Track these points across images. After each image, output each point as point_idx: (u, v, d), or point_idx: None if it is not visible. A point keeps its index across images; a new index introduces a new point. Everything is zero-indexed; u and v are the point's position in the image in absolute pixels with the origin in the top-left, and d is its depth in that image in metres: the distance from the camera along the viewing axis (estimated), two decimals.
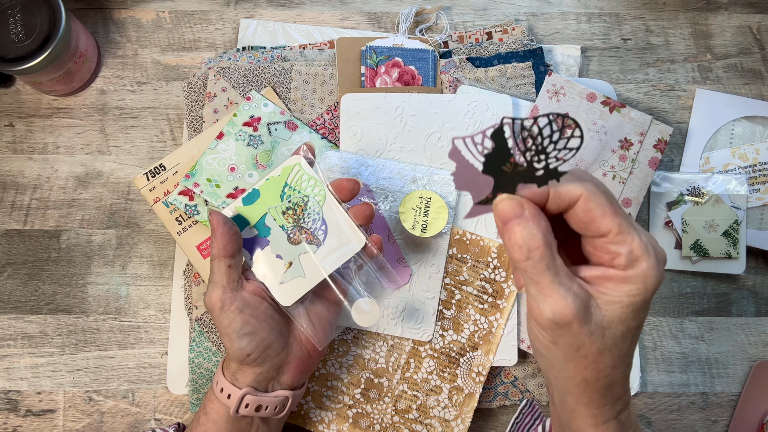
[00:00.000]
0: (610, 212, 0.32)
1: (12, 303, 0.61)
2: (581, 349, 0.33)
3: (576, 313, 0.32)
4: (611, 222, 0.32)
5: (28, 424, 0.59)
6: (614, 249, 0.32)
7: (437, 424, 0.56)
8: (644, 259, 0.32)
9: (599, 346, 0.33)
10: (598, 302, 0.33)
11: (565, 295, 0.32)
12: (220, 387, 0.46)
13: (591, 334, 0.32)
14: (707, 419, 0.61)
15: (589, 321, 0.32)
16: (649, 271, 0.32)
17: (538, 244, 0.32)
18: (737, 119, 0.64)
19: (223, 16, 0.66)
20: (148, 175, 0.59)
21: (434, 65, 0.62)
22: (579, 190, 0.32)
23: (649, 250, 0.32)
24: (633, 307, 0.32)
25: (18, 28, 0.56)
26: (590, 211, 0.32)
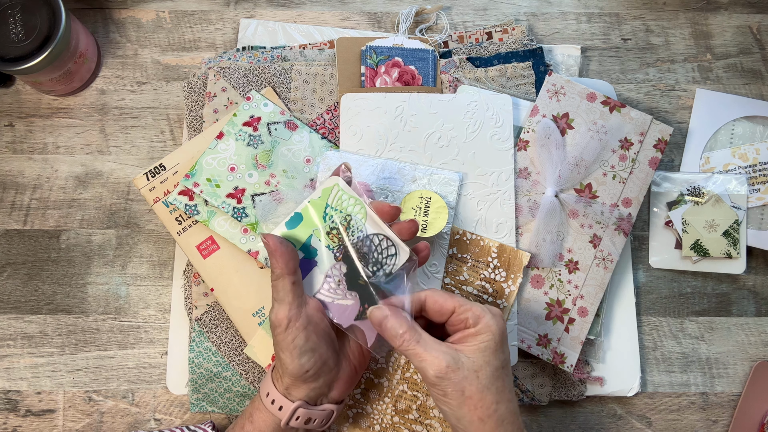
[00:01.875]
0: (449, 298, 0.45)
1: (12, 303, 0.61)
2: (465, 392, 0.42)
3: (447, 364, 0.42)
4: (452, 303, 0.45)
5: (28, 424, 0.59)
6: (462, 317, 0.44)
7: (437, 425, 0.56)
8: (484, 315, 0.44)
9: (477, 386, 0.42)
10: (465, 353, 0.43)
11: (436, 355, 0.42)
12: (272, 398, 0.47)
13: (466, 377, 0.42)
14: (707, 419, 0.61)
15: (461, 368, 0.42)
16: (490, 321, 0.44)
17: (404, 329, 0.44)
18: (737, 119, 0.64)
19: (223, 16, 0.66)
20: (148, 175, 0.59)
21: (434, 65, 0.62)
22: (423, 294, 0.46)
23: (484, 310, 0.44)
24: (490, 350, 0.43)
25: (18, 28, 0.56)
26: (436, 302, 0.45)
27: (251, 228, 0.58)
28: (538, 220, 0.58)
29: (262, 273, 0.58)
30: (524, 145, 0.60)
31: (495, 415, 0.42)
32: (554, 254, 0.59)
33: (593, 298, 0.59)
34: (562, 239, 0.59)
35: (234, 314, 0.57)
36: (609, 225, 0.59)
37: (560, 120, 0.61)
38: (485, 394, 0.42)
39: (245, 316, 0.57)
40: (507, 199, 0.59)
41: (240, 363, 0.58)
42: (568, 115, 0.61)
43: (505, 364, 0.44)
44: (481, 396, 0.42)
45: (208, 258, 0.58)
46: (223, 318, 0.59)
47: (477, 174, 0.59)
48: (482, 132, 0.60)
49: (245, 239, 0.58)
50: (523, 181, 0.60)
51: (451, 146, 0.59)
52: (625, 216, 0.60)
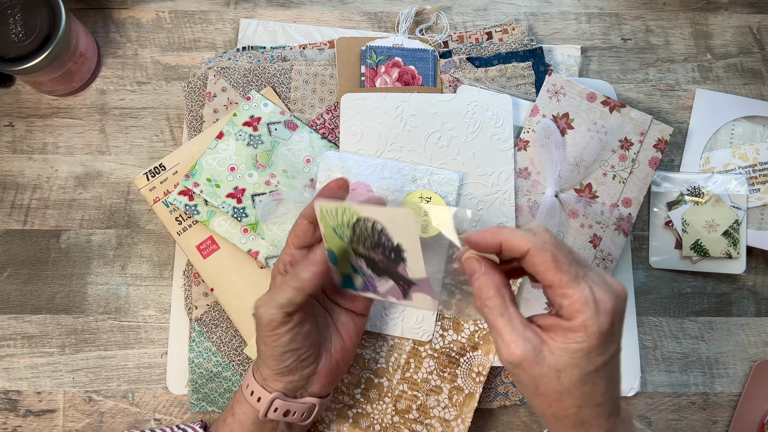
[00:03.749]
0: (552, 268, 0.36)
1: (12, 303, 0.61)
2: (539, 388, 0.36)
3: (525, 355, 0.36)
4: (553, 277, 0.36)
5: (28, 424, 0.59)
6: (558, 301, 0.36)
7: (437, 425, 0.56)
8: (583, 311, 0.35)
9: (556, 387, 0.36)
10: (550, 348, 0.36)
11: (515, 339, 0.36)
12: (251, 390, 0.47)
13: (544, 375, 0.36)
14: (707, 419, 0.61)
15: (540, 363, 0.36)
16: (587, 321, 0.35)
17: (490, 295, 0.38)
18: (737, 119, 0.64)
19: (223, 16, 0.66)
20: (148, 175, 0.59)
21: (434, 65, 0.62)
22: (526, 246, 0.36)
23: (589, 302, 0.35)
24: (580, 353, 0.35)
25: (18, 28, 0.56)
26: (535, 266, 0.36)
27: (251, 228, 0.58)
28: (538, 220, 0.58)
29: (262, 273, 0.58)
30: (524, 145, 0.60)
31: (574, 417, 0.37)
32: None
33: None
34: (562, 239, 0.59)
35: (234, 314, 0.57)
36: (609, 225, 0.59)
37: (560, 120, 0.61)
38: (564, 397, 0.36)
39: (245, 316, 0.57)
40: (507, 199, 0.59)
41: (240, 363, 0.58)
42: (568, 115, 0.61)
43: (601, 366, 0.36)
44: (558, 398, 0.36)
45: (208, 258, 0.58)
46: (223, 318, 0.59)
47: (477, 174, 0.59)
48: (482, 132, 0.60)
49: (245, 239, 0.58)
50: (523, 181, 0.60)
51: (451, 146, 0.59)
52: (625, 216, 0.60)
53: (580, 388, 0.36)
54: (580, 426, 0.37)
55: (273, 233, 0.58)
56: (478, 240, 0.38)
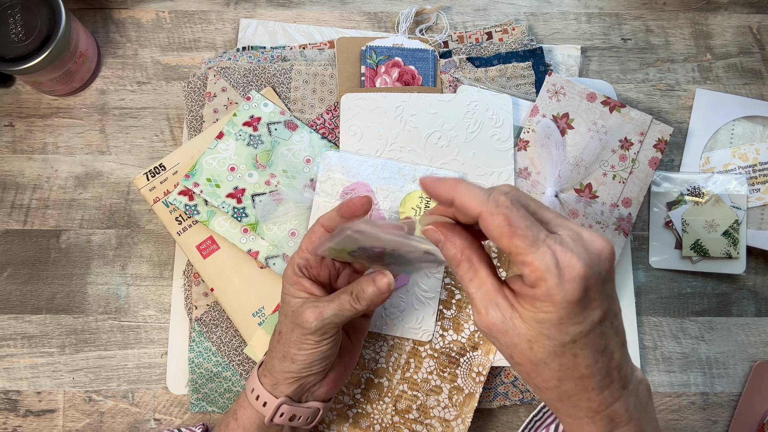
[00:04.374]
0: (507, 233, 0.32)
1: (12, 303, 0.61)
2: (514, 357, 0.34)
3: (493, 323, 0.33)
4: (508, 243, 0.32)
5: (28, 424, 0.59)
6: (520, 268, 0.32)
7: (437, 424, 0.56)
8: (546, 279, 0.31)
9: (530, 357, 0.33)
10: (521, 315, 0.33)
11: (485, 306, 0.33)
12: (257, 395, 0.46)
13: (516, 345, 0.33)
14: (707, 419, 0.61)
15: (510, 331, 0.33)
16: (551, 291, 0.31)
17: (457, 262, 0.35)
18: (737, 119, 0.64)
19: (223, 16, 0.66)
20: (148, 175, 0.59)
21: (434, 65, 0.62)
22: (477, 208, 0.32)
23: (551, 270, 0.31)
24: (549, 323, 0.32)
25: (18, 28, 0.56)
26: (489, 232, 0.32)
27: (251, 228, 0.58)
28: None
29: (262, 273, 0.58)
30: (524, 145, 0.60)
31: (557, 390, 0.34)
32: None
33: None
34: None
35: (234, 314, 0.57)
36: (609, 225, 0.59)
37: (560, 120, 0.61)
38: (541, 368, 0.33)
39: (245, 316, 0.57)
40: None
41: (240, 363, 0.58)
42: (568, 115, 0.61)
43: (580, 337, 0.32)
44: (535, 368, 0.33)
45: (208, 258, 0.58)
46: (223, 318, 0.59)
47: (477, 174, 0.59)
48: (482, 132, 0.60)
49: (245, 239, 0.58)
50: (523, 181, 0.60)
51: (451, 146, 0.59)
52: (625, 216, 0.60)
53: (557, 360, 0.32)
54: (567, 399, 0.34)
55: (273, 233, 0.58)
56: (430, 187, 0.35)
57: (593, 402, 0.33)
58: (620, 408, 0.34)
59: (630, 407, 0.34)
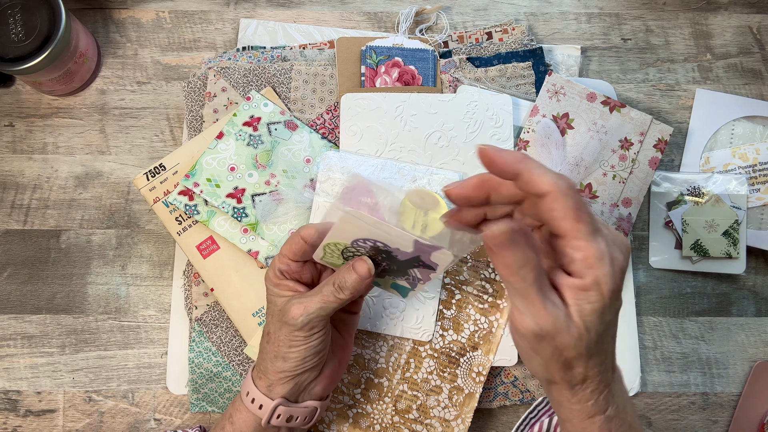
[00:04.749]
0: (573, 216, 0.32)
1: (12, 303, 0.61)
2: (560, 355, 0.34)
3: (555, 325, 0.33)
4: (572, 226, 0.32)
5: (28, 424, 0.59)
6: (570, 253, 0.33)
7: (437, 424, 0.56)
8: (598, 267, 0.32)
9: (573, 353, 0.34)
10: (569, 312, 0.34)
11: (551, 311, 0.33)
12: (252, 397, 0.46)
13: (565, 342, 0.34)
14: (707, 419, 0.61)
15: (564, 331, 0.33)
16: (602, 279, 0.33)
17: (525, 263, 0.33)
18: (737, 119, 0.64)
19: (223, 16, 0.66)
20: (148, 175, 0.59)
21: (434, 65, 0.62)
22: (549, 187, 0.32)
23: (605, 258, 0.33)
24: (595, 313, 0.33)
25: (18, 28, 0.56)
26: (552, 211, 0.33)
27: (251, 228, 0.58)
28: None
29: (262, 273, 0.58)
30: (524, 145, 0.60)
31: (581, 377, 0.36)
32: None
33: None
34: None
35: (234, 314, 0.57)
36: (609, 225, 0.59)
37: (560, 120, 0.61)
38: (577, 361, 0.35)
39: (245, 316, 0.57)
40: None
41: (240, 363, 0.58)
42: (568, 115, 0.61)
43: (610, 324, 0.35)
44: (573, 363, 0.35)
45: (208, 258, 0.58)
46: (223, 318, 0.59)
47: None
48: (482, 132, 0.60)
49: (245, 239, 0.58)
50: None
51: (451, 146, 0.59)
52: (625, 216, 0.60)
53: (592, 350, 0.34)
54: (583, 385, 0.36)
55: (273, 233, 0.58)
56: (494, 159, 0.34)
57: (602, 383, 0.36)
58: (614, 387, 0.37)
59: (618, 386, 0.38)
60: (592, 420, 0.37)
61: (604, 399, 0.37)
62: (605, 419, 0.37)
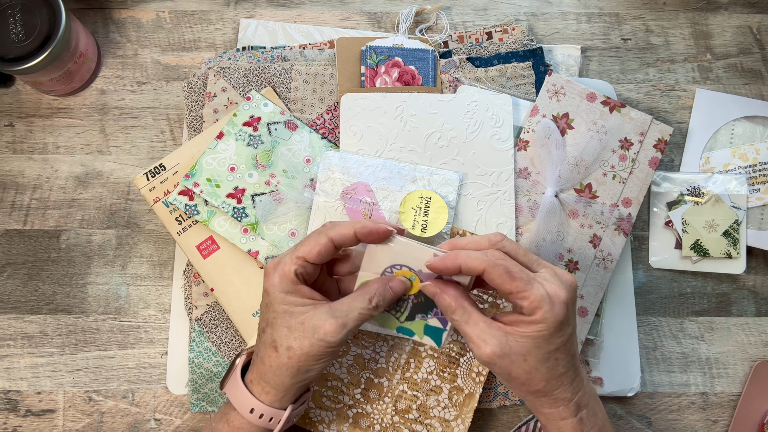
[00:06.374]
0: (507, 280, 0.41)
1: (12, 303, 0.61)
2: (511, 373, 0.42)
3: (493, 351, 0.41)
4: (510, 286, 0.41)
5: (28, 424, 0.59)
6: (519, 303, 0.42)
7: (437, 424, 0.56)
8: (541, 307, 0.41)
9: (525, 368, 0.42)
10: (515, 338, 0.42)
11: (484, 339, 0.41)
12: (259, 413, 0.45)
13: (513, 362, 0.41)
14: (707, 419, 0.61)
15: (508, 354, 0.41)
16: (546, 314, 0.41)
17: (453, 309, 0.43)
18: (737, 119, 0.64)
19: (223, 16, 0.66)
20: (148, 175, 0.59)
21: (434, 65, 0.62)
22: (481, 266, 0.41)
23: (545, 299, 0.41)
24: (542, 338, 0.41)
25: (18, 28, 0.56)
26: (493, 281, 0.41)
27: (251, 228, 0.58)
28: (538, 220, 0.58)
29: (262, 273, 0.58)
30: (524, 145, 0.60)
31: (544, 389, 0.43)
32: (554, 254, 0.59)
33: (593, 298, 0.59)
34: (562, 239, 0.59)
35: (234, 314, 0.57)
36: (609, 225, 0.59)
37: (560, 120, 0.61)
38: (533, 375, 0.42)
39: (245, 316, 0.57)
40: (507, 199, 0.59)
41: None
42: (568, 115, 0.61)
43: (561, 345, 0.42)
44: (528, 377, 0.42)
45: (208, 258, 0.58)
46: (223, 318, 0.59)
47: (477, 174, 0.59)
48: (482, 132, 0.60)
49: (245, 239, 0.58)
50: (523, 181, 0.60)
51: (451, 146, 0.59)
52: (625, 216, 0.60)
53: (545, 365, 0.42)
54: (550, 394, 0.43)
55: (273, 233, 0.58)
56: (439, 266, 0.43)
57: (568, 392, 0.43)
58: (583, 395, 0.44)
59: (587, 394, 0.45)
60: (565, 422, 0.44)
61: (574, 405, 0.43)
62: (578, 421, 0.44)
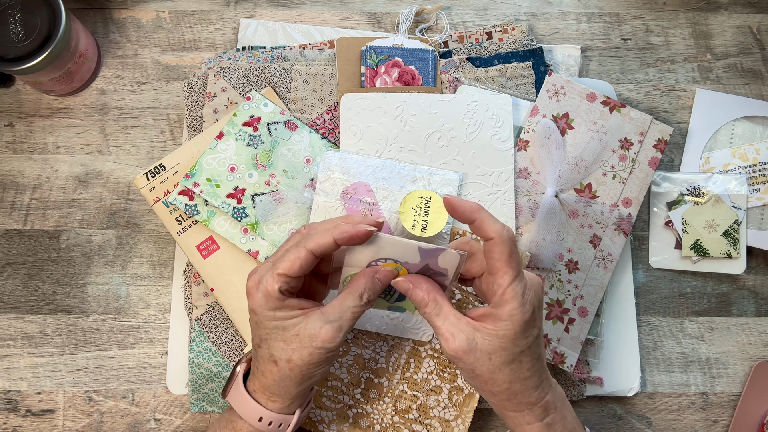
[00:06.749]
0: (504, 260, 0.41)
1: (12, 303, 0.61)
2: (475, 371, 0.42)
3: (460, 346, 0.41)
4: (502, 267, 0.41)
5: (28, 424, 0.59)
6: (493, 288, 0.41)
7: (437, 424, 0.56)
8: (510, 301, 0.40)
9: (489, 367, 0.41)
10: (482, 335, 0.41)
11: (453, 333, 0.41)
12: (269, 421, 0.45)
13: (478, 359, 0.41)
14: (707, 419, 0.61)
15: (474, 350, 0.41)
16: (513, 310, 0.40)
17: (425, 301, 0.43)
18: (737, 119, 0.64)
19: (223, 16, 0.66)
20: (148, 175, 0.59)
21: (434, 65, 0.62)
22: (494, 234, 0.41)
23: (516, 296, 0.40)
24: (507, 338, 0.41)
25: (18, 28, 0.56)
26: (491, 252, 0.41)
27: (251, 228, 0.58)
28: (538, 220, 0.58)
29: None
30: (524, 145, 0.60)
31: (507, 391, 0.42)
32: (554, 254, 0.59)
33: (593, 298, 0.59)
34: (562, 239, 0.59)
35: (234, 314, 0.57)
36: (609, 225, 0.59)
37: (560, 120, 0.61)
38: (496, 375, 0.41)
39: (245, 316, 0.57)
40: (507, 199, 0.59)
41: None
42: (568, 115, 0.61)
43: (526, 347, 0.41)
44: (491, 377, 0.42)
45: (208, 258, 0.58)
46: (223, 318, 0.59)
47: (477, 174, 0.59)
48: (482, 132, 0.60)
49: (245, 239, 0.58)
50: (523, 181, 0.60)
51: (451, 146, 0.59)
52: (625, 216, 0.60)
53: (509, 366, 0.41)
54: (513, 397, 0.42)
55: (273, 233, 0.58)
56: (456, 206, 0.42)
57: (532, 396, 0.43)
58: (550, 400, 0.44)
59: (556, 399, 0.44)
60: (531, 426, 0.43)
61: (540, 408, 0.43)
62: (544, 426, 0.43)
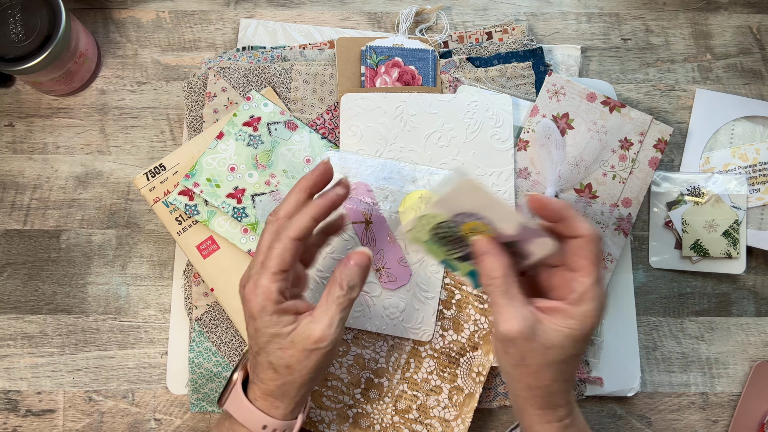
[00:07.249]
0: (591, 259, 0.40)
1: (12, 303, 0.61)
2: (525, 360, 0.40)
3: (521, 329, 0.39)
4: (587, 266, 0.40)
5: (28, 424, 0.59)
6: (573, 286, 0.40)
7: (437, 424, 0.56)
8: (589, 303, 0.40)
9: (540, 361, 0.40)
10: (545, 327, 0.40)
11: (515, 314, 0.40)
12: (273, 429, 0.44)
13: (533, 349, 0.40)
14: (707, 419, 0.61)
15: (533, 339, 0.40)
16: (589, 312, 0.40)
17: (497, 275, 0.41)
18: (737, 119, 0.64)
19: (223, 16, 0.66)
20: (148, 175, 0.59)
21: (434, 65, 0.62)
22: (586, 232, 0.40)
23: (596, 299, 0.40)
24: (572, 338, 0.40)
25: (18, 28, 0.56)
26: (580, 250, 0.40)
27: (251, 228, 0.58)
28: None
29: None
30: (524, 145, 0.60)
31: (546, 388, 0.41)
32: None
33: None
34: None
35: (234, 314, 0.57)
36: (609, 225, 0.59)
37: (560, 120, 0.61)
38: (545, 370, 0.40)
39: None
40: (507, 199, 0.59)
41: None
42: (568, 115, 0.61)
43: (580, 351, 0.41)
44: (539, 370, 0.40)
45: (208, 258, 0.58)
46: (223, 318, 0.59)
47: (477, 174, 0.59)
48: (482, 132, 0.60)
49: (245, 239, 0.58)
50: (523, 181, 0.60)
51: (451, 146, 0.59)
52: (625, 216, 0.60)
53: (558, 365, 0.41)
54: (548, 396, 0.42)
55: None
56: (546, 204, 0.41)
57: (563, 399, 0.43)
58: (573, 402, 0.44)
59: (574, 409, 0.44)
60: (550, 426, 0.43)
61: (564, 410, 0.43)
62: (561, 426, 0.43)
